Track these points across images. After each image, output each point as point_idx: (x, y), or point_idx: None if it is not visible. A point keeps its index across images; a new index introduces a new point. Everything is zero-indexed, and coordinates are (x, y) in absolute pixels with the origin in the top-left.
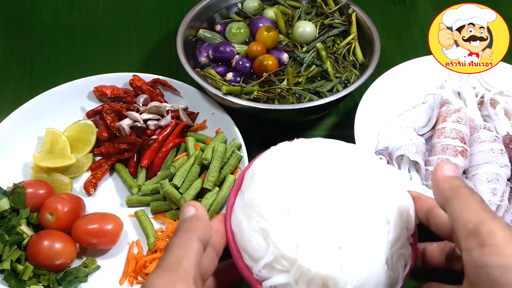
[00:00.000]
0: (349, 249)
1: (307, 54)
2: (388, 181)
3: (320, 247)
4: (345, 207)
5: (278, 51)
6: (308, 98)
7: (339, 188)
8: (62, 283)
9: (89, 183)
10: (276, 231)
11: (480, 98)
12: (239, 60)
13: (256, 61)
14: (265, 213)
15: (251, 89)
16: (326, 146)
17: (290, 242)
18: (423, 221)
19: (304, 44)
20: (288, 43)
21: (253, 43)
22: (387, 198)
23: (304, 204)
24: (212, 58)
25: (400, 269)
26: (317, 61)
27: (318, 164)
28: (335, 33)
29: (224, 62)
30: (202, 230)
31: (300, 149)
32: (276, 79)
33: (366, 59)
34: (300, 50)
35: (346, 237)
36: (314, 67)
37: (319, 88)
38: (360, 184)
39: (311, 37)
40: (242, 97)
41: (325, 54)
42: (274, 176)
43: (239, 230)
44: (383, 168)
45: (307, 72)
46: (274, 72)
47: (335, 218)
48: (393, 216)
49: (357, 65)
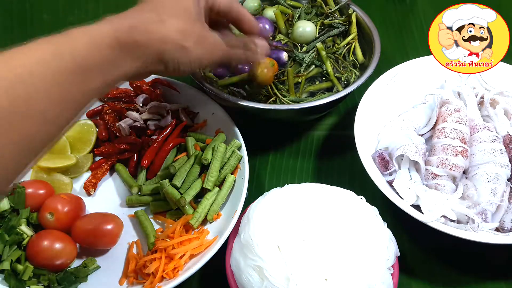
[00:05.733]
0: (334, 280)
1: (307, 54)
2: (368, 219)
3: (308, 279)
4: (330, 243)
5: (278, 51)
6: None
7: (324, 227)
8: (62, 283)
9: (89, 183)
10: (269, 267)
11: (480, 98)
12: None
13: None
14: (259, 252)
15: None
16: (313, 191)
17: (282, 276)
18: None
19: (304, 44)
20: (287, 42)
21: None
22: (368, 234)
23: (294, 242)
24: None
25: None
26: (316, 61)
27: (306, 207)
28: (335, 33)
29: (223, 64)
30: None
31: (289, 194)
32: (275, 82)
33: (366, 59)
34: (300, 50)
35: (331, 269)
36: (313, 67)
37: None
38: (342, 223)
39: (311, 37)
40: (242, 97)
41: (325, 54)
42: (266, 219)
43: (237, 270)
44: (363, 208)
45: (306, 73)
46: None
47: (321, 254)
48: (373, 249)
49: (357, 65)
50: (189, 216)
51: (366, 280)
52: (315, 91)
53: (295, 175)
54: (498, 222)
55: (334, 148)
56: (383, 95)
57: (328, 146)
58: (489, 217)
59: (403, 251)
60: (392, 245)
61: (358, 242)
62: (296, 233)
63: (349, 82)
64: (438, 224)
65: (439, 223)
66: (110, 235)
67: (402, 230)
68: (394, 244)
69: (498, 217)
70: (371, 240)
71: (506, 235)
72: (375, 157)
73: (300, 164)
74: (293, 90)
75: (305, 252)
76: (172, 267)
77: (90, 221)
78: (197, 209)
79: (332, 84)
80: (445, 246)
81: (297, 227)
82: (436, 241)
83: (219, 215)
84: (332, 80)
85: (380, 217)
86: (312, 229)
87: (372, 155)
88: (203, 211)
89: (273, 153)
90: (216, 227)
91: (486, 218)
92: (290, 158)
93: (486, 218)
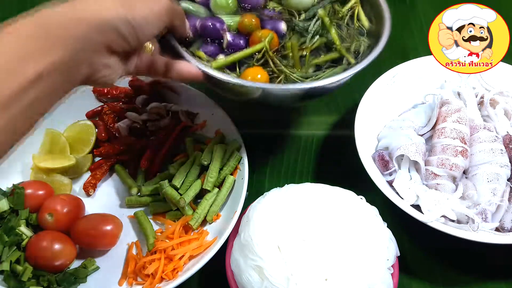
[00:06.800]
0: (334, 280)
1: (310, 23)
2: (368, 219)
3: (308, 279)
4: (330, 243)
5: (274, 21)
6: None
7: (324, 227)
8: (62, 284)
9: (89, 183)
10: (269, 267)
11: (480, 98)
12: (232, 39)
13: (253, 37)
14: (259, 252)
15: (244, 54)
16: (313, 191)
17: (282, 276)
18: None
19: (302, 11)
20: (281, 10)
21: (245, 15)
22: (368, 234)
23: (294, 242)
24: (199, 33)
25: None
26: (321, 30)
27: (306, 208)
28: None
29: (213, 39)
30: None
31: (289, 194)
32: (276, 57)
33: (373, 25)
34: (299, 19)
35: (331, 269)
36: (317, 37)
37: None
38: (342, 223)
39: (308, 3)
40: (237, 74)
41: (328, 22)
42: (266, 219)
43: (237, 270)
44: (363, 208)
45: (311, 44)
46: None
47: (321, 254)
48: (373, 249)
49: (364, 32)
50: (188, 217)
51: (366, 280)
52: (321, 64)
53: (295, 175)
54: (498, 222)
55: (334, 148)
56: (383, 95)
57: (328, 146)
58: (489, 217)
59: (403, 251)
60: (392, 245)
61: (358, 242)
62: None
63: (359, 52)
64: (438, 224)
65: (439, 223)
66: (109, 236)
67: (402, 230)
68: (394, 244)
69: (498, 217)
70: (371, 240)
71: (506, 235)
72: (375, 157)
73: (300, 164)
74: (299, 65)
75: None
76: (172, 268)
77: (89, 222)
78: (197, 210)
79: (340, 55)
80: (445, 246)
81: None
82: (436, 241)
83: (218, 216)
84: (340, 50)
85: (380, 217)
86: (312, 229)
87: (372, 155)
88: (202, 212)
89: (273, 153)
90: (216, 228)
91: (486, 218)
92: (290, 158)
93: (486, 218)
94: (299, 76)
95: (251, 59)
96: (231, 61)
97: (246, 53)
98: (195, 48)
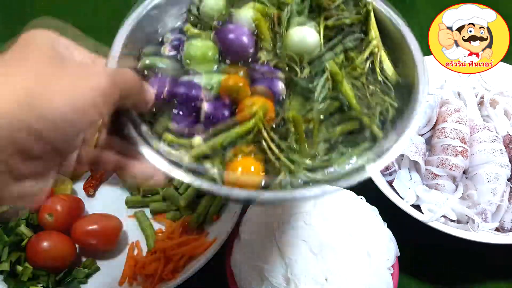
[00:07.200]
0: (334, 280)
1: (318, 81)
2: (368, 219)
3: (308, 279)
4: (330, 243)
5: (268, 80)
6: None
7: (324, 227)
8: (62, 284)
9: (89, 184)
10: (269, 267)
11: (480, 98)
12: (211, 110)
13: (242, 106)
14: (259, 252)
15: (229, 137)
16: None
17: (282, 276)
18: None
19: (304, 62)
20: (278, 63)
21: (229, 74)
22: (368, 234)
23: (293, 242)
24: (167, 99)
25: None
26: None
27: (306, 208)
28: (351, 43)
29: (186, 105)
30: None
31: None
32: (273, 141)
33: (399, 74)
34: (301, 74)
35: (331, 270)
36: (327, 102)
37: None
38: (342, 223)
39: (312, 47)
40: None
41: (342, 78)
42: (266, 219)
43: (238, 270)
44: (363, 208)
45: (320, 112)
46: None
47: (321, 254)
48: (373, 249)
49: (390, 87)
50: (188, 217)
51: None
52: (333, 139)
53: None
54: (498, 222)
55: None
56: None
57: None
58: (489, 217)
59: (403, 251)
60: (392, 245)
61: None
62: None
63: (385, 118)
64: (438, 224)
65: (439, 223)
66: (109, 236)
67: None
68: (394, 244)
69: (498, 217)
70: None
71: (506, 235)
72: None
73: None
74: (305, 149)
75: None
76: (172, 268)
77: (89, 222)
78: (197, 210)
79: (361, 125)
80: (445, 246)
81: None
82: (436, 241)
83: (218, 216)
84: (362, 119)
85: (380, 217)
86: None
87: None
88: (202, 212)
89: None
90: (216, 228)
91: (486, 218)
92: None
93: (486, 218)
94: (307, 167)
95: (240, 139)
96: (211, 148)
97: (232, 136)
98: (165, 122)
